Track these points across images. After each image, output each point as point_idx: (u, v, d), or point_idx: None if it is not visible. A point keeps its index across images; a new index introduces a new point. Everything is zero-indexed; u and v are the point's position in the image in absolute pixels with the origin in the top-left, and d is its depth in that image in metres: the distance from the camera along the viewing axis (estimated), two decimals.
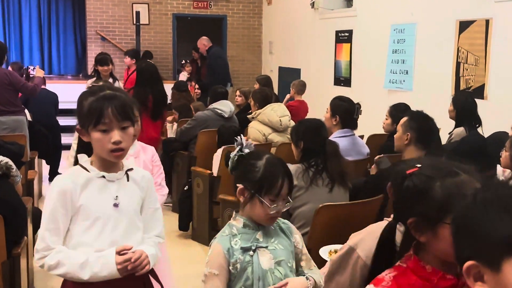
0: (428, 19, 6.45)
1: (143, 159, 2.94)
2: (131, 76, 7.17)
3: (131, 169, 2.00)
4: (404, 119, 3.19)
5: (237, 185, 1.94)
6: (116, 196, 1.91)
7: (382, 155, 3.51)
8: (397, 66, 6.93)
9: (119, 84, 6.57)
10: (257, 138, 5.13)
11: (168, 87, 10.12)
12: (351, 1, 8.29)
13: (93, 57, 10.72)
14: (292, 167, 3.15)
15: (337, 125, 4.15)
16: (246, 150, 1.97)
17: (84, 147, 1.96)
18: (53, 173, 6.48)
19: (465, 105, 4.71)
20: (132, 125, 1.90)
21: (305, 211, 3.09)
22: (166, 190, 3.14)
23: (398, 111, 4.46)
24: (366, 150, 4.44)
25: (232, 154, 1.98)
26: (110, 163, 1.92)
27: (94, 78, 6.07)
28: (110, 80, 6.14)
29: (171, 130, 6.40)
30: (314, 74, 9.15)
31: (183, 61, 10.65)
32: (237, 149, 1.98)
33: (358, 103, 4.38)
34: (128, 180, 1.96)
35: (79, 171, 1.91)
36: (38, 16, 12.42)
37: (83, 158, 1.94)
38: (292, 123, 5.29)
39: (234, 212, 2.00)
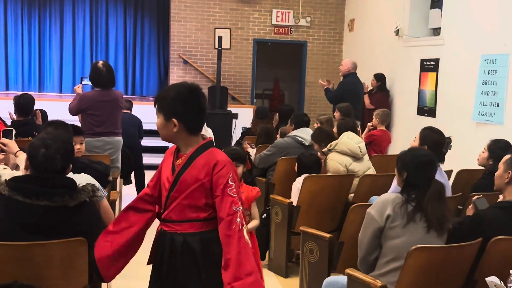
0: None
1: None
2: None
3: None
4: (507, 156, 3.02)
5: None
6: None
7: (481, 194, 3.27)
8: (487, 98, 6.59)
9: None
10: (338, 170, 4.90)
11: (247, 112, 10.24)
12: (438, 30, 8.02)
13: (174, 79, 11.03)
14: (390, 196, 2.98)
15: None
16: None
17: None
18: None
19: None
20: None
21: (398, 245, 2.90)
22: None
23: (497, 147, 4.22)
24: (449, 187, 4.19)
25: None
26: None
27: None
28: None
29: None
30: (396, 103, 8.89)
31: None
32: None
33: (449, 137, 4.16)
34: None
35: None
36: (124, 39, 12.85)
37: None
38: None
39: None
